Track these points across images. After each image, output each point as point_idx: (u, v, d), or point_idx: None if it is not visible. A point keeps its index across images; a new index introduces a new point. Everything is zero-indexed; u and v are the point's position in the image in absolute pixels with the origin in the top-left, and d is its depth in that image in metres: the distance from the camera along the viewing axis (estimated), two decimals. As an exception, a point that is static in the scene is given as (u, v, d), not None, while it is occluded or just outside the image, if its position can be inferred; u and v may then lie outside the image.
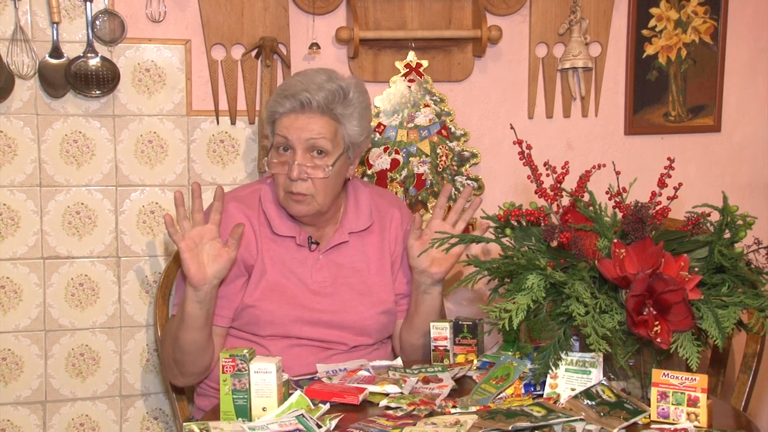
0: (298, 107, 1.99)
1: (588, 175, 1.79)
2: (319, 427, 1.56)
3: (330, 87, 2.00)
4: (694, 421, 1.57)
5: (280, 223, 2.06)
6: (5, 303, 2.33)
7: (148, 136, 2.39)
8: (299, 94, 1.99)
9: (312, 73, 2.05)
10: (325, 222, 2.10)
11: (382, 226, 2.16)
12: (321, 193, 2.01)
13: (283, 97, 2.01)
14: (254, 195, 2.11)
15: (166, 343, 2.04)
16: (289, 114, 2.00)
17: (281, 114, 2.01)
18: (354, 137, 2.04)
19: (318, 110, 1.99)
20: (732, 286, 1.65)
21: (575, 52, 2.55)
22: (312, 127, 1.99)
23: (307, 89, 1.99)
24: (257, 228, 2.06)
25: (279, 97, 2.02)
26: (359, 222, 2.13)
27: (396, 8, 2.49)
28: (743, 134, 2.80)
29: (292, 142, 1.99)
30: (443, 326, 2.00)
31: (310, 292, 2.05)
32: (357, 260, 2.11)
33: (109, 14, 2.30)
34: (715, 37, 2.69)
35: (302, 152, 1.99)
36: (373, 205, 2.16)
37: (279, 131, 2.01)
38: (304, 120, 1.99)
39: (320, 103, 1.99)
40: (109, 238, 2.38)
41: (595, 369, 1.68)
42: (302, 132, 1.99)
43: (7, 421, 2.35)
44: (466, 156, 2.55)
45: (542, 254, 1.72)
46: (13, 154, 2.30)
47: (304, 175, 1.98)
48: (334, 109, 2.00)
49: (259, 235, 2.06)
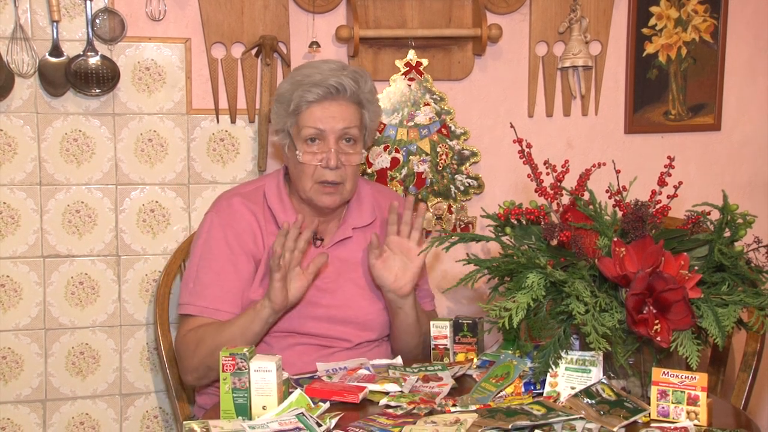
0: (330, 94, 2.00)
1: (588, 173, 1.79)
2: (319, 425, 1.56)
3: (350, 73, 2.03)
4: (694, 419, 1.57)
5: (286, 217, 2.07)
6: (5, 301, 2.33)
7: (148, 134, 2.39)
8: (328, 80, 2.00)
9: (320, 63, 2.07)
10: (330, 217, 2.11)
11: (383, 221, 2.16)
12: (350, 180, 2.04)
13: (311, 85, 2.00)
14: (258, 191, 2.11)
15: (201, 350, 1.98)
16: (321, 102, 2.00)
17: (310, 103, 2.01)
18: (372, 123, 2.09)
19: (349, 97, 2.02)
20: (732, 285, 1.65)
21: (575, 51, 2.55)
22: (345, 115, 2.01)
23: (333, 75, 2.00)
24: (263, 224, 2.07)
25: (305, 87, 2.01)
26: (362, 218, 2.13)
27: (396, 7, 2.49)
28: (743, 133, 2.80)
29: (326, 132, 2.00)
30: (443, 325, 2.00)
31: (314, 287, 2.05)
32: (361, 256, 2.11)
33: (109, 13, 2.30)
34: (715, 35, 2.69)
35: (335, 141, 2.00)
36: (374, 201, 2.17)
37: (309, 123, 2.01)
38: (336, 108, 2.01)
39: (352, 88, 2.01)
40: (109, 236, 2.38)
41: (595, 368, 1.68)
42: (336, 122, 2.00)
43: (7, 419, 2.35)
44: (466, 155, 2.55)
45: (542, 253, 1.72)
46: (13, 152, 2.30)
47: (340, 162, 2.01)
48: (360, 94, 2.03)
49: (265, 230, 2.06)
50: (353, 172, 2.05)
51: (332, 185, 2.02)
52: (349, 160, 2.02)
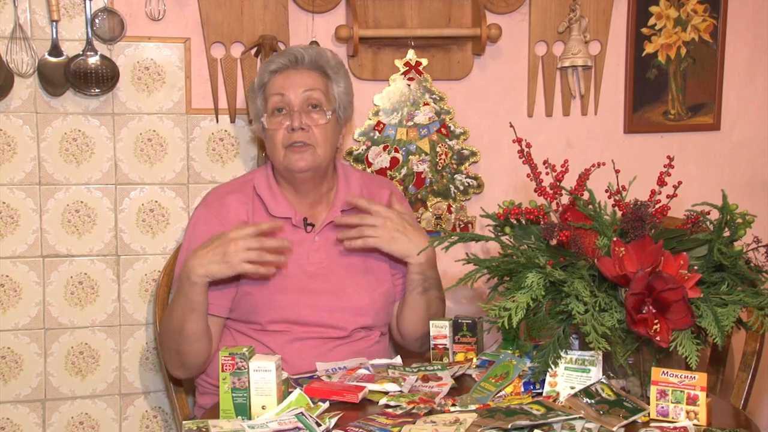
0: (291, 63, 2.09)
1: (587, 173, 1.79)
2: (319, 425, 1.56)
3: (316, 48, 2.15)
4: (694, 419, 1.57)
5: (276, 205, 2.09)
6: (5, 301, 2.33)
7: (148, 134, 2.39)
8: (289, 51, 2.11)
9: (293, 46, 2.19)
10: (318, 199, 2.12)
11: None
12: (321, 143, 2.06)
13: (275, 57, 2.12)
14: (248, 184, 2.14)
15: (168, 335, 2.03)
16: (283, 71, 2.09)
17: (273, 73, 2.09)
18: (343, 97, 2.13)
19: (310, 65, 2.10)
20: (731, 285, 1.65)
21: (575, 51, 2.55)
22: (306, 80, 2.08)
23: (295, 50, 2.11)
24: (252, 214, 2.09)
25: (268, 62, 2.12)
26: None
27: (395, 6, 2.49)
28: (743, 132, 2.80)
29: (288, 97, 2.06)
30: (443, 324, 2.00)
31: (307, 274, 2.06)
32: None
33: (109, 12, 2.30)
34: (715, 35, 2.69)
35: (299, 105, 2.06)
36: (363, 185, 2.19)
37: (273, 90, 2.08)
38: (297, 75, 2.08)
39: (312, 57, 2.10)
40: (109, 236, 2.38)
41: (595, 367, 1.68)
42: (297, 87, 2.07)
43: (6, 419, 2.35)
44: (466, 154, 2.55)
45: (542, 253, 1.72)
46: (12, 152, 2.30)
47: (305, 124, 2.04)
48: (323, 66, 2.11)
49: (255, 220, 2.07)
50: (322, 134, 2.07)
51: (302, 145, 2.04)
52: (315, 120, 2.06)
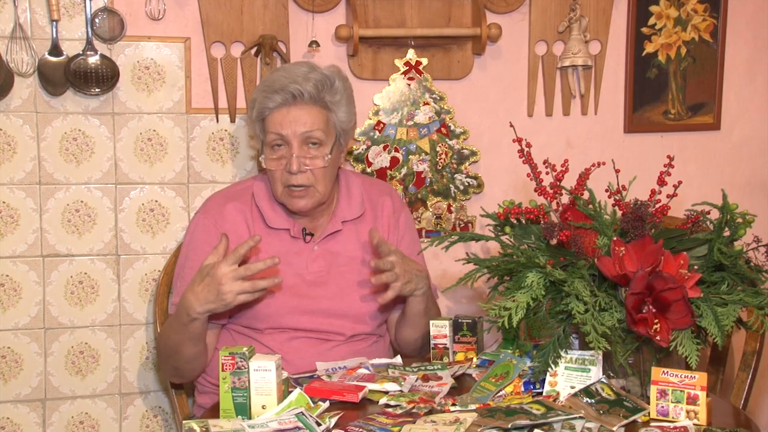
0: (290, 100, 2.00)
1: (587, 173, 1.78)
2: (319, 425, 1.56)
3: (315, 76, 2.03)
4: (694, 418, 1.57)
5: (274, 217, 2.08)
6: (5, 301, 2.33)
7: (148, 134, 2.39)
8: (288, 87, 2.00)
9: (292, 67, 2.08)
10: (320, 213, 2.11)
11: (374, 214, 2.17)
12: (321, 182, 2.03)
13: (271, 92, 2.02)
14: (246, 192, 2.12)
15: (165, 352, 2.04)
16: (280, 108, 2.01)
17: (271, 110, 2.02)
18: (344, 124, 2.07)
19: (309, 101, 2.01)
20: (731, 284, 1.65)
21: (575, 50, 2.55)
22: (305, 119, 2.00)
23: (294, 81, 2.01)
24: (251, 223, 2.07)
25: (266, 93, 2.03)
26: (352, 210, 2.14)
27: (395, 6, 2.49)
28: (743, 132, 2.80)
29: (287, 137, 2.00)
30: (443, 324, 2.00)
31: (306, 282, 2.06)
32: (351, 249, 2.11)
33: (109, 12, 2.30)
34: (715, 35, 2.69)
35: (298, 145, 2.00)
36: (364, 193, 2.18)
37: (272, 129, 2.02)
38: (296, 112, 2.00)
39: (311, 93, 2.01)
40: (109, 236, 2.38)
41: (595, 367, 1.68)
42: (296, 126, 2.00)
43: (6, 419, 2.35)
44: (466, 154, 2.55)
45: (542, 252, 1.72)
46: (12, 152, 2.30)
47: (304, 167, 2.00)
48: (324, 97, 2.03)
49: (253, 230, 2.06)
50: (322, 174, 2.02)
51: (300, 188, 2.01)
52: (313, 163, 2.01)
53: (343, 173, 2.18)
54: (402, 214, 2.21)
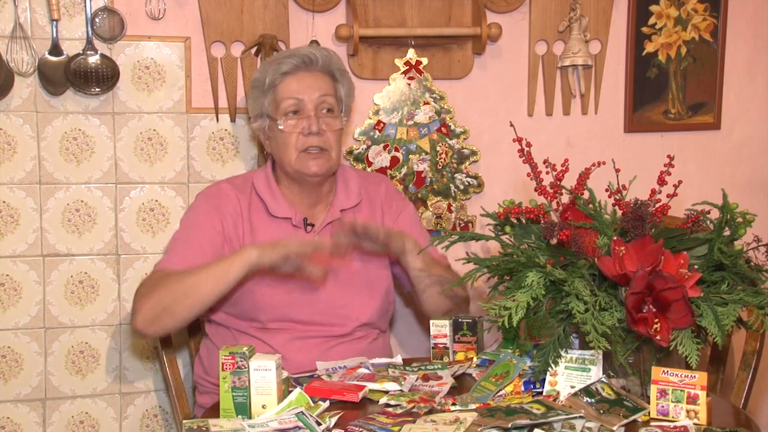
0: (304, 64, 2.07)
1: (588, 172, 1.78)
2: (319, 424, 1.56)
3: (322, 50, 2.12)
4: (694, 418, 1.57)
5: (276, 206, 2.10)
6: (5, 300, 2.33)
7: (148, 133, 2.39)
8: (300, 52, 2.08)
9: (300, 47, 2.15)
10: (317, 200, 2.14)
11: (371, 203, 2.19)
12: (335, 147, 2.08)
13: (283, 58, 2.08)
14: (246, 182, 2.16)
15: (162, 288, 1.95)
16: (295, 73, 2.06)
17: (285, 74, 2.06)
18: (348, 99, 2.14)
19: (321, 68, 2.08)
20: (731, 284, 1.65)
21: (575, 50, 2.54)
22: (320, 84, 2.07)
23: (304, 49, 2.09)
24: (245, 210, 2.09)
25: (277, 61, 2.08)
26: (349, 200, 2.16)
27: (396, 6, 2.49)
28: (743, 132, 2.80)
29: (304, 101, 2.05)
30: (443, 324, 2.00)
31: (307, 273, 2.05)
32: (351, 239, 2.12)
33: (109, 12, 2.30)
34: (715, 34, 2.69)
35: (313, 109, 2.05)
36: (361, 184, 2.20)
37: (287, 94, 2.06)
38: (311, 78, 2.07)
39: (323, 59, 2.08)
40: (109, 235, 2.38)
41: (595, 366, 1.68)
42: (312, 91, 2.06)
43: (6, 418, 2.35)
44: (466, 153, 2.55)
45: (542, 252, 1.72)
46: (12, 151, 2.30)
47: (323, 127, 2.04)
48: (332, 67, 2.10)
49: (254, 219, 2.08)
50: (336, 139, 2.08)
51: (317, 149, 2.05)
52: (330, 125, 2.06)
53: (340, 167, 2.20)
54: (395, 198, 2.25)
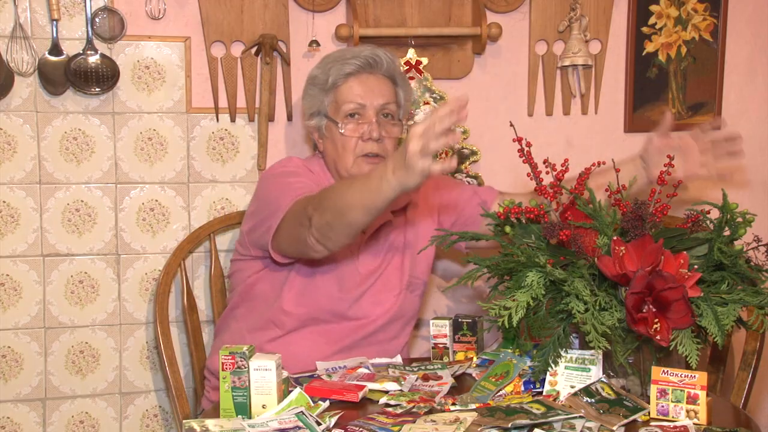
0: (369, 65, 2.03)
1: (588, 172, 1.78)
2: (319, 424, 1.56)
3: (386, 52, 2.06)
4: (694, 418, 1.57)
5: None
6: (5, 300, 2.33)
7: (148, 133, 2.39)
8: (363, 52, 2.03)
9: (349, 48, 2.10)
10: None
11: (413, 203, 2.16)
12: (391, 154, 2.01)
13: (347, 58, 2.02)
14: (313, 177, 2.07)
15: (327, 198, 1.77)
16: (359, 74, 2.02)
17: (348, 75, 2.02)
18: (405, 103, 2.10)
19: (385, 71, 2.05)
20: (731, 284, 1.65)
21: (575, 50, 2.54)
22: (383, 90, 2.04)
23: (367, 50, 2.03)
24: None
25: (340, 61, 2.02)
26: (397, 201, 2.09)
27: (396, 5, 2.49)
28: (743, 131, 2.76)
29: (366, 106, 2.02)
30: (443, 324, 2.00)
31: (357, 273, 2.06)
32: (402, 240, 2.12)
33: (109, 11, 2.30)
34: (715, 34, 2.69)
35: (375, 115, 2.02)
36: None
37: (350, 98, 2.02)
38: (374, 82, 2.04)
39: (388, 62, 2.04)
40: (109, 235, 2.38)
41: (595, 366, 1.68)
42: (375, 97, 2.02)
43: (6, 418, 2.35)
44: (466, 153, 2.55)
45: (542, 252, 1.72)
46: (12, 151, 2.30)
47: (383, 134, 2.01)
48: (394, 73, 2.06)
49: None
50: (393, 146, 2.04)
51: (375, 157, 2.01)
52: (390, 131, 2.03)
53: None
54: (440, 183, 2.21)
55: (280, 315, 2.05)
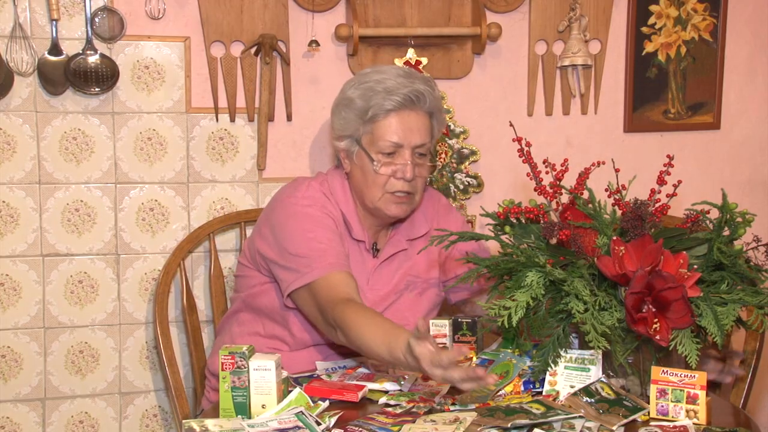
0: (410, 102, 1.96)
1: (587, 172, 1.78)
2: (319, 424, 1.56)
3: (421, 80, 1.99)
4: (693, 418, 1.57)
5: (359, 229, 2.05)
6: (4, 300, 2.33)
7: (148, 133, 2.39)
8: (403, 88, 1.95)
9: (386, 68, 2.03)
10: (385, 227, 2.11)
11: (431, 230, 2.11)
12: (419, 191, 2.03)
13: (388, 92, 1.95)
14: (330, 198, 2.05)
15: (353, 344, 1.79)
16: (399, 111, 1.96)
17: (388, 111, 1.96)
18: (438, 133, 2.07)
19: (425, 108, 1.99)
20: (731, 284, 1.65)
21: (575, 50, 2.54)
22: (421, 130, 1.98)
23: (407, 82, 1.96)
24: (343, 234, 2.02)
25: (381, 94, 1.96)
26: (415, 229, 2.11)
27: (395, 5, 2.49)
28: (742, 131, 2.80)
29: (404, 147, 1.97)
30: (442, 323, 2.00)
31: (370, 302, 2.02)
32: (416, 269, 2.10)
33: (109, 11, 2.30)
34: (715, 34, 2.69)
35: (410, 154, 1.98)
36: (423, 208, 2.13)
37: (386, 136, 1.96)
38: (414, 120, 1.97)
39: (431, 99, 1.99)
40: (109, 235, 2.38)
41: (594, 366, 1.68)
42: (413, 136, 1.97)
43: (6, 418, 2.35)
44: (466, 153, 2.55)
45: (541, 251, 1.72)
46: (12, 151, 2.30)
47: (416, 173, 1.99)
48: (432, 108, 2.01)
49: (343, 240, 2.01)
50: (422, 184, 2.04)
51: (405, 194, 1.99)
52: (422, 172, 2.01)
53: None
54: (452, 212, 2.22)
55: (286, 335, 2.04)
